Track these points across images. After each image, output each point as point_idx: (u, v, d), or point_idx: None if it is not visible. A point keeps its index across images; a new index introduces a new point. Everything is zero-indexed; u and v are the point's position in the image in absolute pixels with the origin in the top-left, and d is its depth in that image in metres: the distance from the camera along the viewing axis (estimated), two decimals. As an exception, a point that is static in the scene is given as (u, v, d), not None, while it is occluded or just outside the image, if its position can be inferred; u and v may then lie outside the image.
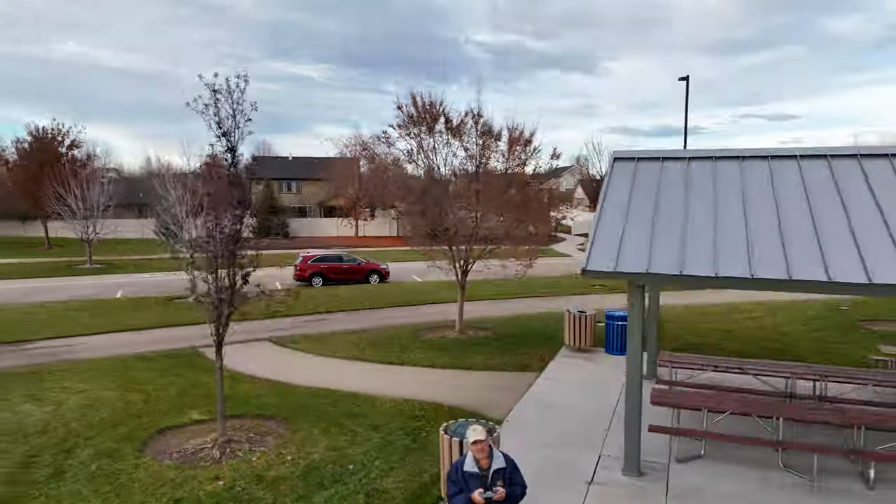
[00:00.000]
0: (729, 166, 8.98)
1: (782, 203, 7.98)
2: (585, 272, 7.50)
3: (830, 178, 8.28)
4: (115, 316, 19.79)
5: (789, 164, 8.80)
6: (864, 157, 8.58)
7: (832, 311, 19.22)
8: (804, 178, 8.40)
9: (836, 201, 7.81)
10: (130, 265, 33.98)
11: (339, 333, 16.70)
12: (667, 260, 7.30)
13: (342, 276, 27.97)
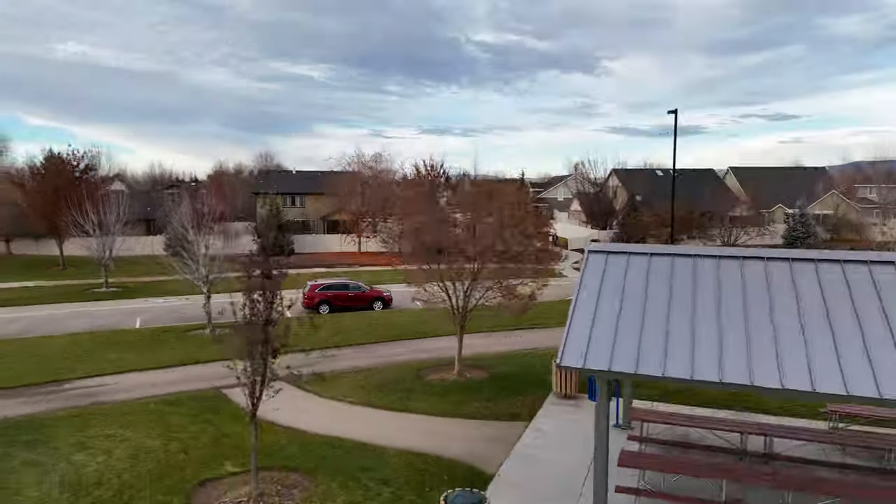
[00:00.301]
0: (685, 263, 10.52)
1: (727, 301, 9.52)
2: (560, 366, 9.09)
3: (790, 280, 9.70)
4: (139, 351, 21.38)
5: (735, 263, 10.33)
6: (821, 261, 10.03)
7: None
8: (767, 279, 9.81)
9: (793, 307, 9.23)
10: (145, 288, 35.55)
11: (348, 373, 18.30)
12: (625, 359, 8.87)
13: (348, 303, 29.58)
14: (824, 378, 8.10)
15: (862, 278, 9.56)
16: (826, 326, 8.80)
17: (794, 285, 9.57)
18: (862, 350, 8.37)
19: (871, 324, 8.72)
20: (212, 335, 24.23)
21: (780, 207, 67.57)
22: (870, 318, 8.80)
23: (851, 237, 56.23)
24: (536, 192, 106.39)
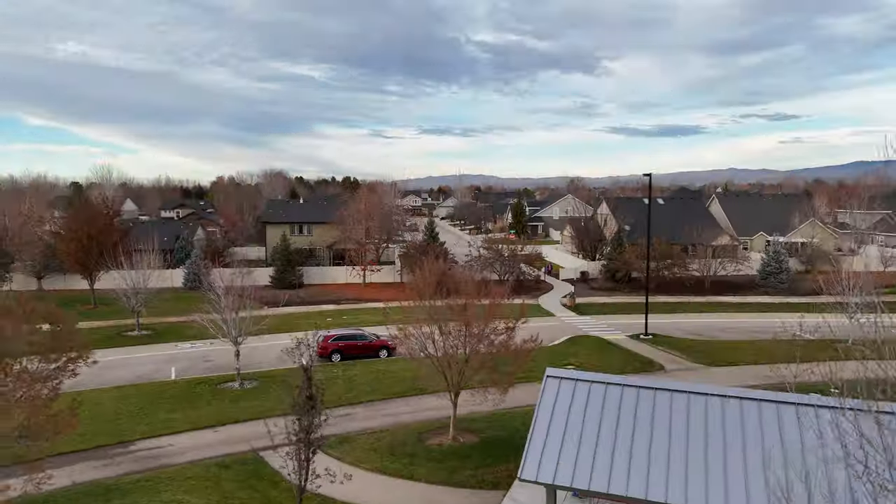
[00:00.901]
0: (629, 394, 14.20)
1: (658, 432, 13.22)
2: (521, 480, 12.86)
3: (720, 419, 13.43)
4: (183, 408, 25.12)
5: (670, 396, 14.03)
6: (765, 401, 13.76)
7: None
8: (705, 415, 13.42)
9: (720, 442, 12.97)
10: (172, 330, 39.29)
11: (362, 435, 22.04)
12: (566, 475, 12.62)
13: (357, 352, 33.34)
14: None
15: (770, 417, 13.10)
16: (721, 460, 12.47)
17: (705, 422, 13.25)
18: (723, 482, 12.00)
19: (746, 459, 12.37)
20: (240, 388, 28.07)
21: (761, 235, 71.25)
22: (752, 455, 12.38)
23: (824, 269, 59.77)
24: (533, 211, 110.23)
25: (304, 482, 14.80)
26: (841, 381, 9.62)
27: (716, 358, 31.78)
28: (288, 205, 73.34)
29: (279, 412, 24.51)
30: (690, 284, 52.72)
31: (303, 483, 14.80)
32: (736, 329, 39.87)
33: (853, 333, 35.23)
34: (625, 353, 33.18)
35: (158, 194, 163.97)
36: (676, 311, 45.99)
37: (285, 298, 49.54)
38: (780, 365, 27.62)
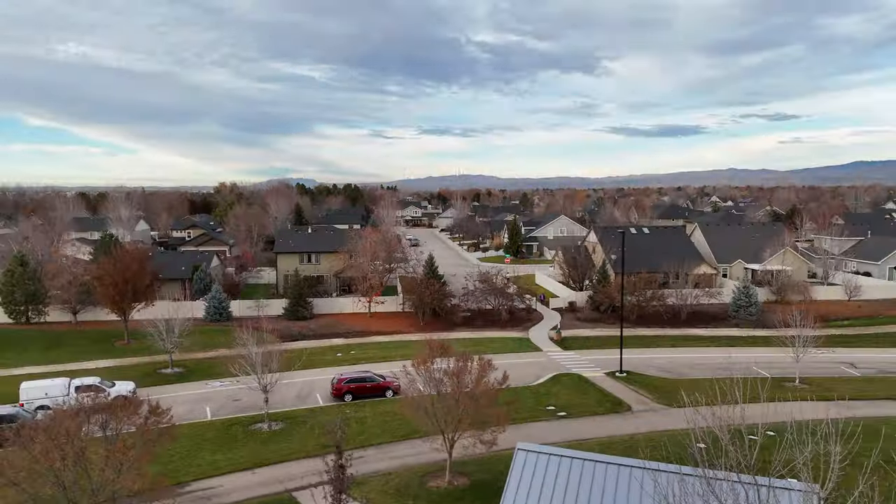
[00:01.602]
0: (587, 467, 19.01)
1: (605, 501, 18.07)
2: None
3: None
4: (224, 450, 29.99)
5: (631, 472, 18.87)
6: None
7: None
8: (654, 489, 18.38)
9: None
10: (202, 367, 44.19)
11: (374, 478, 26.87)
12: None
13: (366, 392, 38.22)
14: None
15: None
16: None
17: (627, 492, 18.11)
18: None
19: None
20: (269, 430, 32.95)
21: (739, 262, 76.18)
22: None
23: (792, 299, 64.66)
24: (528, 231, 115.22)
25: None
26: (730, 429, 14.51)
27: (676, 399, 36.56)
28: (297, 235, 78.23)
29: (304, 454, 29.66)
30: (668, 317, 57.63)
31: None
32: (703, 365, 44.78)
33: (799, 371, 40.31)
34: (599, 392, 38.08)
35: (167, 209, 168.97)
36: (652, 345, 50.94)
37: (299, 332, 54.63)
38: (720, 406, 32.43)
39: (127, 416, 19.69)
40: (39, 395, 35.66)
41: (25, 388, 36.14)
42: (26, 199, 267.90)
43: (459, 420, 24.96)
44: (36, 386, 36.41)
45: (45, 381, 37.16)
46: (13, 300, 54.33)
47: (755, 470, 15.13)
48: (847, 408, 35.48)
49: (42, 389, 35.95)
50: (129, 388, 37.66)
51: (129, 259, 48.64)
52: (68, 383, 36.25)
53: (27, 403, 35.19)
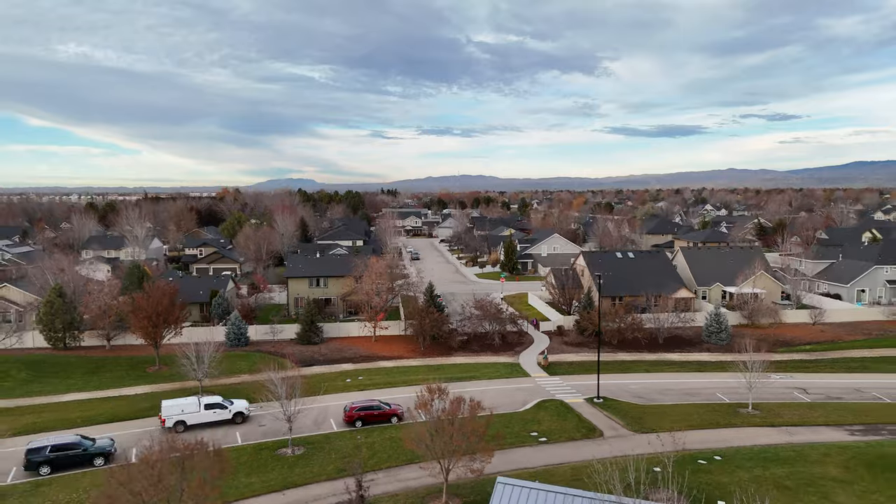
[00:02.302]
0: (557, 498, 24.73)
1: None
2: (479, 546, 23.41)
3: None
4: (257, 473, 35.54)
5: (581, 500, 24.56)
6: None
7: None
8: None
9: None
10: (228, 393, 49.72)
11: (383, 499, 32.46)
12: None
13: (374, 419, 43.82)
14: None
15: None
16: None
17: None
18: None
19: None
20: (293, 454, 38.53)
21: (718, 285, 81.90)
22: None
23: (765, 321, 70.32)
24: (523, 248, 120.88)
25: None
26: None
27: (643, 425, 42.24)
28: (306, 260, 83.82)
29: (325, 477, 35.31)
30: (646, 342, 63.25)
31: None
32: (672, 391, 50.45)
33: (752, 398, 45.95)
34: (577, 418, 43.67)
35: (174, 219, 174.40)
36: (629, 370, 56.57)
37: (311, 357, 60.26)
38: (678, 432, 38.04)
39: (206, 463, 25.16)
40: (177, 412, 42.74)
41: (166, 406, 43.00)
42: (32, 206, 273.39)
43: (453, 452, 30.63)
44: (174, 404, 43.19)
45: (180, 400, 43.91)
46: (52, 328, 60.02)
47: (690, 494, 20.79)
48: (788, 433, 41.48)
49: (179, 407, 42.97)
50: (244, 405, 44.88)
51: (161, 294, 54.27)
52: (199, 401, 43.52)
53: (168, 419, 42.41)
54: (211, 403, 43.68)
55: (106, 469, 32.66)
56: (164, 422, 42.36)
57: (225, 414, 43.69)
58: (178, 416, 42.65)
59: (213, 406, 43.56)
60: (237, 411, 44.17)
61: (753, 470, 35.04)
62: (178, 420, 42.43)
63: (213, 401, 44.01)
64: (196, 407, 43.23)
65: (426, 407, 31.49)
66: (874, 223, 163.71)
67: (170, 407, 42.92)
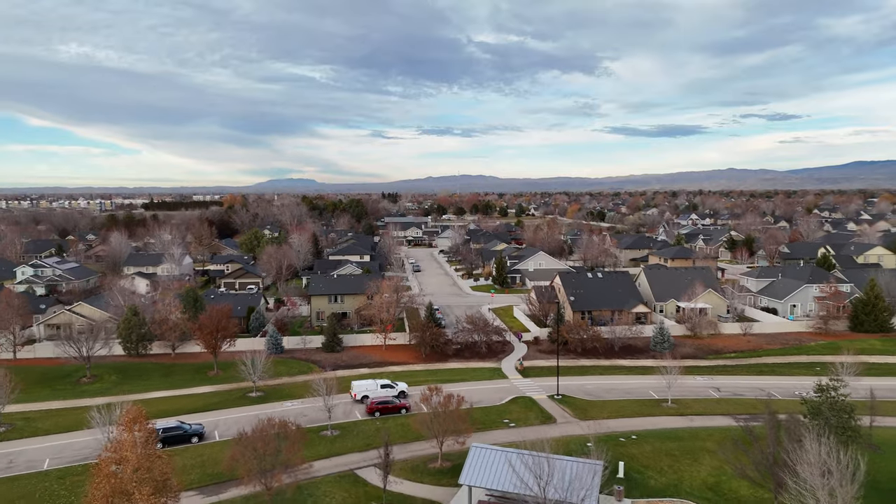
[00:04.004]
0: (501, 453, 39.78)
1: (517, 459, 38.80)
2: (460, 483, 38.58)
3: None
4: (308, 447, 50.50)
5: (524, 456, 39.66)
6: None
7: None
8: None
9: None
10: (277, 392, 64.75)
11: (399, 463, 47.45)
12: (476, 481, 38.23)
13: (389, 410, 58.91)
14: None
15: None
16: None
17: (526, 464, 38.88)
18: None
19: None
20: (331, 435, 53.57)
21: (672, 301, 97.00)
22: None
23: (706, 332, 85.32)
24: (513, 263, 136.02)
25: (385, 485, 40.43)
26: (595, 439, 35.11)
27: (587, 414, 57.30)
28: (326, 280, 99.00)
29: (356, 450, 50.41)
30: (603, 350, 78.36)
31: (384, 486, 40.42)
32: (617, 389, 65.55)
33: (671, 394, 61.15)
34: (539, 410, 58.76)
35: (191, 230, 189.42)
36: (588, 373, 71.71)
37: (335, 363, 75.26)
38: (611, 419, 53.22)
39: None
40: (363, 390, 61.28)
41: (355, 385, 61.95)
42: (56, 217, 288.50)
43: (445, 431, 45.81)
44: (361, 384, 62.17)
45: (365, 382, 62.91)
46: (129, 339, 75.22)
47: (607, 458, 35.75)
48: (690, 420, 56.75)
49: (364, 386, 61.72)
50: (405, 386, 62.58)
51: (219, 314, 69.44)
52: (376, 383, 62.25)
53: (357, 394, 60.89)
54: (384, 384, 61.84)
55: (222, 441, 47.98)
56: (355, 396, 60.76)
57: (393, 391, 61.04)
58: (364, 392, 60.86)
59: (385, 386, 61.50)
60: (401, 390, 61.68)
61: (655, 444, 50.25)
62: (363, 395, 60.64)
63: (385, 382, 62.25)
64: (375, 387, 61.38)
65: (427, 401, 46.70)
66: (837, 237, 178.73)
67: (358, 386, 61.79)
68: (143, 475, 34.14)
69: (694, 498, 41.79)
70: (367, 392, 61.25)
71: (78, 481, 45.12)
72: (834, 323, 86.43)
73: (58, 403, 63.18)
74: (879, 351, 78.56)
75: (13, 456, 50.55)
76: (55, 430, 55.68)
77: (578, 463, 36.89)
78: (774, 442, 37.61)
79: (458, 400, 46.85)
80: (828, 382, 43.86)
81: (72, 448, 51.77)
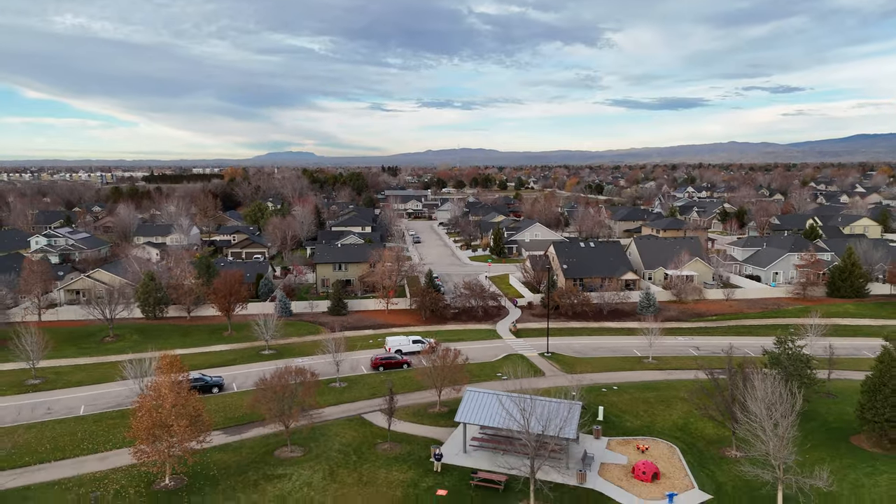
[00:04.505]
0: (491, 396, 44.85)
1: (507, 402, 43.90)
2: (456, 422, 43.72)
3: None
4: (319, 396, 55.73)
5: (513, 397, 44.73)
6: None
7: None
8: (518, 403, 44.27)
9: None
10: (288, 349, 69.84)
11: (402, 408, 52.61)
12: (470, 418, 43.33)
13: (392, 366, 64.04)
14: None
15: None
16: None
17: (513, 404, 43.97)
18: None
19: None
20: (340, 386, 58.75)
21: (661, 269, 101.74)
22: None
23: (690, 298, 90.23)
24: (510, 234, 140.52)
25: (389, 425, 45.62)
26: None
27: (573, 369, 62.39)
28: (331, 248, 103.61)
29: (363, 398, 55.59)
30: (593, 314, 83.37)
31: (389, 426, 45.61)
32: (603, 348, 70.68)
33: (652, 352, 66.23)
34: (530, 365, 63.88)
35: (195, 202, 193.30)
36: (577, 334, 76.80)
37: (341, 325, 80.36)
38: (595, 373, 58.36)
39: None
40: (396, 344, 67.21)
41: (389, 340, 67.96)
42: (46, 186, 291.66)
43: (444, 381, 50.89)
44: (395, 339, 68.11)
45: (398, 337, 68.90)
46: (147, 302, 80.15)
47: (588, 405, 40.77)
48: (667, 374, 61.83)
49: (398, 341, 67.62)
50: (431, 340, 66.62)
51: (232, 280, 74.20)
52: (409, 339, 68.10)
53: (392, 347, 66.60)
54: (416, 340, 67.73)
55: (241, 392, 53.33)
56: (389, 349, 66.31)
57: (423, 345, 65.97)
58: (397, 346, 66.53)
59: (417, 342, 67.28)
60: (429, 342, 65.74)
61: (634, 394, 55.44)
62: (397, 349, 65.99)
63: (417, 338, 68.13)
64: (407, 342, 67.19)
65: (429, 354, 51.66)
66: (827, 210, 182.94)
67: (392, 340, 67.70)
68: (179, 410, 39.25)
69: (664, 436, 47.03)
70: (399, 346, 66.92)
71: (113, 424, 50.36)
72: (812, 289, 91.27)
73: (85, 360, 68.30)
74: (852, 314, 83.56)
75: (50, 404, 55.72)
76: (87, 382, 60.86)
77: (558, 402, 41.93)
78: (732, 386, 42.60)
79: (454, 354, 51.81)
80: (786, 336, 48.74)
81: (104, 397, 56.98)
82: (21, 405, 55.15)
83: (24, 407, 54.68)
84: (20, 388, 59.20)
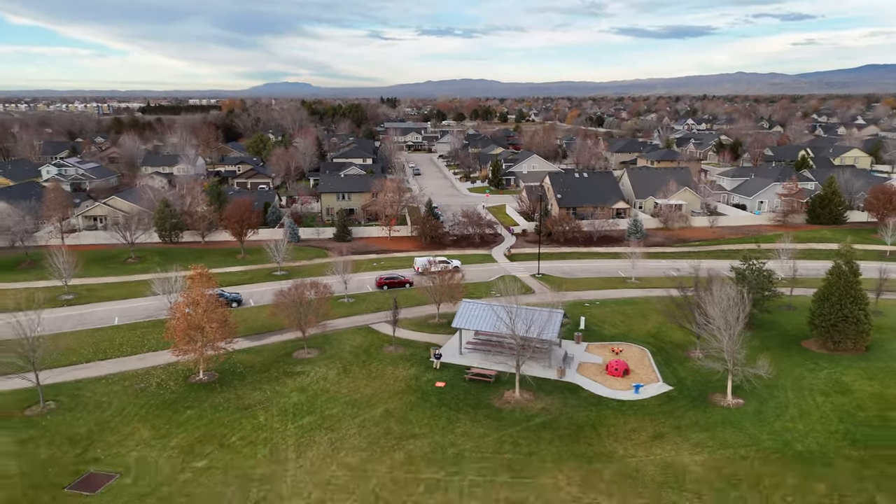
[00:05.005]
0: (485, 306, 50.43)
1: (499, 312, 49.56)
2: (453, 328, 49.52)
3: None
4: (332, 308, 61.56)
5: (503, 307, 50.37)
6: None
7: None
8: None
9: None
10: (300, 271, 75.34)
11: (405, 319, 58.46)
12: (466, 324, 49.10)
13: (395, 285, 69.65)
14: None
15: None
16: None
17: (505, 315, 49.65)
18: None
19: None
20: (348, 301, 64.53)
21: (651, 198, 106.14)
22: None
23: (677, 225, 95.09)
24: (508, 166, 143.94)
25: (394, 332, 51.50)
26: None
27: (561, 287, 67.95)
28: (334, 178, 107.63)
29: (369, 312, 61.59)
30: (583, 239, 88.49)
31: (394, 332, 51.49)
32: (590, 270, 76.22)
33: (634, 273, 71.78)
34: (521, 284, 69.50)
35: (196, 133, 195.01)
36: (567, 258, 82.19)
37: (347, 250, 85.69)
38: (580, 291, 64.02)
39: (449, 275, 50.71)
40: (423, 263, 72.70)
41: (417, 260, 74.43)
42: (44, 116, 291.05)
43: (442, 295, 56.48)
44: (422, 259, 74.06)
45: (422, 259, 74.62)
46: (164, 227, 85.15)
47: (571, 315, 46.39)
48: (646, 291, 67.53)
49: (425, 261, 72.93)
50: (457, 263, 74.61)
51: (244, 207, 78.85)
52: (435, 258, 74.27)
53: (420, 266, 72.58)
54: (441, 260, 73.60)
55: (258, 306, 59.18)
56: (418, 269, 72.40)
57: (449, 265, 71.60)
58: (424, 265, 71.81)
59: (442, 262, 72.71)
60: (455, 265, 73.02)
61: (614, 307, 61.29)
62: (424, 267, 71.14)
63: (443, 259, 74.28)
64: (435, 260, 72.80)
65: (430, 272, 57.01)
66: (822, 141, 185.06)
67: (420, 260, 73.92)
68: (210, 314, 44.89)
69: (638, 342, 53.10)
70: (426, 265, 72.33)
71: (147, 332, 56.40)
72: (793, 216, 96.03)
73: (111, 278, 73.96)
74: (828, 240, 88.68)
75: (85, 316, 61.61)
76: (117, 298, 66.69)
77: (542, 310, 47.55)
78: (697, 296, 48.12)
79: (451, 272, 57.21)
80: (750, 253, 53.91)
81: (135, 310, 62.86)
82: (57, 317, 60.96)
83: (60, 318, 60.55)
84: (55, 303, 64.94)
